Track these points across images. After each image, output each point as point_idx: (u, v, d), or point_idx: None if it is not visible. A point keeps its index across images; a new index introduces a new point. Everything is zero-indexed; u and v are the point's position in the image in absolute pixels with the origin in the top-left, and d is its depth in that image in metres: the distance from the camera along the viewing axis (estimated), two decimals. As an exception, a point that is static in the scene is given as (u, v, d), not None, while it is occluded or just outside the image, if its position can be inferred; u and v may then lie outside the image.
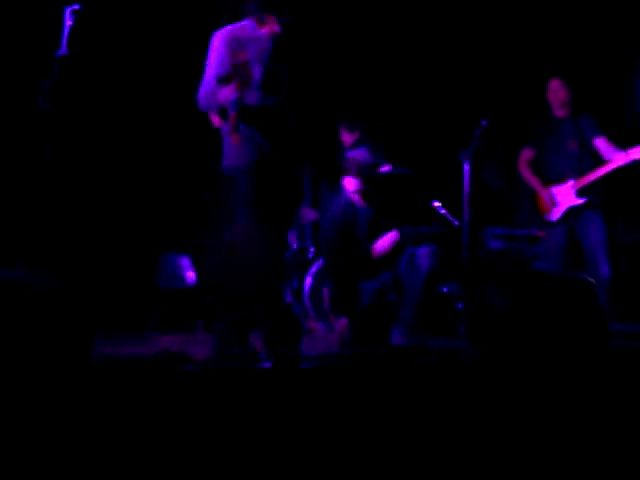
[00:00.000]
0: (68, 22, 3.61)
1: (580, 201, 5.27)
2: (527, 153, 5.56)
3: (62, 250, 4.09)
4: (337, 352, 4.36)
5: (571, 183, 5.28)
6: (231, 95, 3.52)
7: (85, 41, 3.82)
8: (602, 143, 5.28)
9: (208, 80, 3.68)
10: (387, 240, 4.70)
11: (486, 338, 1.65)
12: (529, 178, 5.53)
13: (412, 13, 6.42)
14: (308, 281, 5.76)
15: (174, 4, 6.09)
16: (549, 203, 5.36)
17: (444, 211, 5.75)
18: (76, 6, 3.60)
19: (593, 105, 5.57)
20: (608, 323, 2.13)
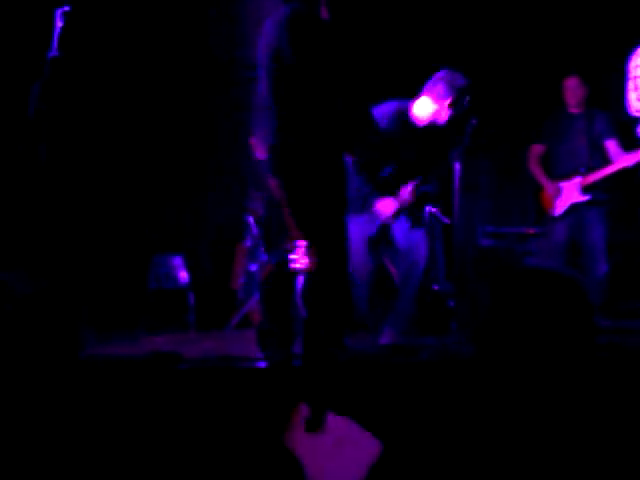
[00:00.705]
0: (59, 23, 3.62)
1: (584, 198, 5.29)
2: (537, 149, 5.55)
3: (51, 250, 4.09)
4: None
5: (578, 180, 5.29)
6: None
7: (76, 42, 3.82)
8: (613, 145, 5.29)
9: None
10: (388, 208, 4.45)
11: (476, 335, 1.67)
12: (537, 173, 5.52)
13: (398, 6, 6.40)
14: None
15: (163, 3, 6.10)
16: (554, 197, 5.37)
17: (435, 209, 5.76)
18: (66, 8, 3.62)
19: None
20: (596, 319, 2.15)
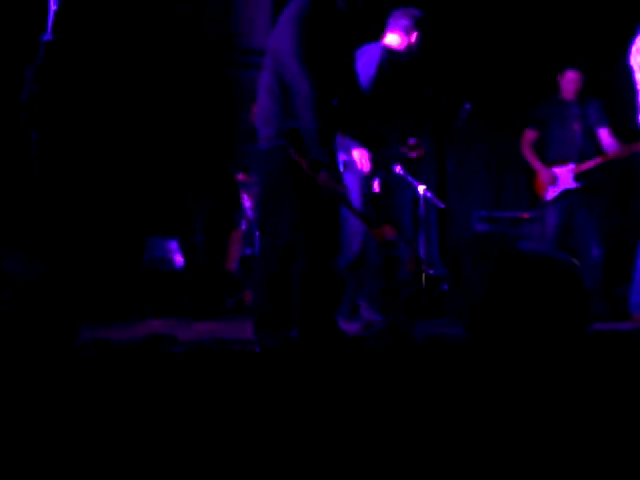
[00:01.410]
0: (53, 7, 3.61)
1: (576, 185, 5.35)
2: (530, 134, 5.60)
3: (48, 235, 4.09)
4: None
5: (572, 166, 5.36)
6: None
7: (71, 26, 3.81)
8: (605, 134, 5.35)
9: None
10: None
11: (470, 319, 1.68)
12: (531, 158, 5.57)
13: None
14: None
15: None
16: (547, 183, 5.41)
17: (430, 194, 5.77)
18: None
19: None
20: (591, 304, 2.17)
